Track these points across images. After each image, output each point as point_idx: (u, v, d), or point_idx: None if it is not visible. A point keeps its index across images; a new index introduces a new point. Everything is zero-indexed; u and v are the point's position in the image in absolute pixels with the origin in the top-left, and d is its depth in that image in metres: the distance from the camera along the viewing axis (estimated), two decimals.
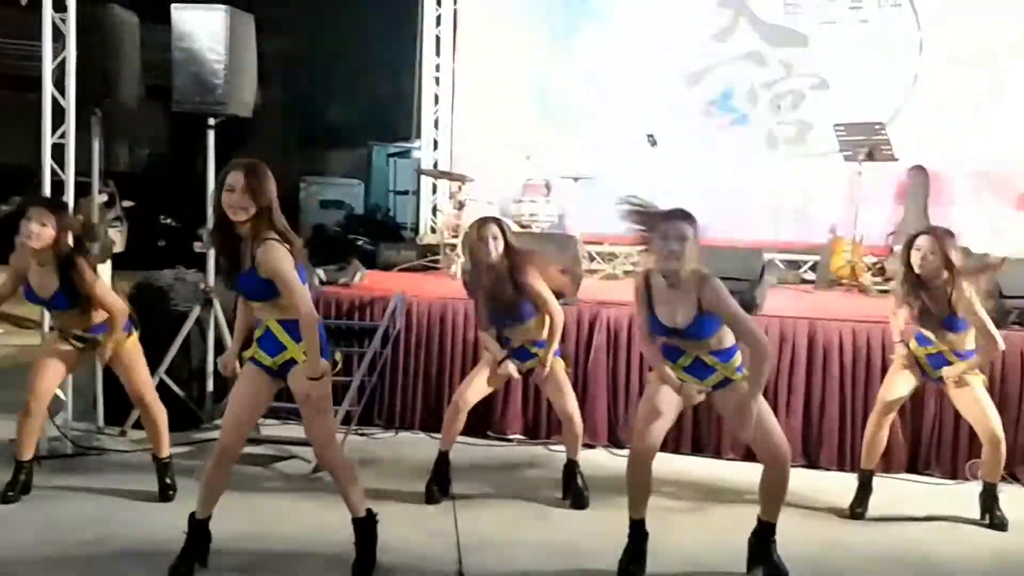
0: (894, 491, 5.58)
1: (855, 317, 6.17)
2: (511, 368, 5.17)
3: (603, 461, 6.01)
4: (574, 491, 5.29)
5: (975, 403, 5.02)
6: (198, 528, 4.11)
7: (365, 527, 4.18)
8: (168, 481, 5.12)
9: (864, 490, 5.25)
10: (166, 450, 5.15)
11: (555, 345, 5.17)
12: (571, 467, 5.34)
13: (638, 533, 4.26)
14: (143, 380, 5.12)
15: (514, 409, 6.33)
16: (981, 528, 5.07)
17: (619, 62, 10.19)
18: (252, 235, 3.88)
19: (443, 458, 5.27)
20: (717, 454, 6.10)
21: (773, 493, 4.19)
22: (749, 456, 5.62)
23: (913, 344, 5.14)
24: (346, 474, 4.17)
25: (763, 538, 4.26)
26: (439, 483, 5.25)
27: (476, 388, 5.22)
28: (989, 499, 5.13)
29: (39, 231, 4.75)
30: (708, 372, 4.24)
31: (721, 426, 6.01)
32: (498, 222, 5.15)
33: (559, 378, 5.23)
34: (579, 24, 10.46)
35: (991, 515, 5.10)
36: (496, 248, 5.03)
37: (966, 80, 9.41)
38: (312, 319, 3.89)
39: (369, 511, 4.21)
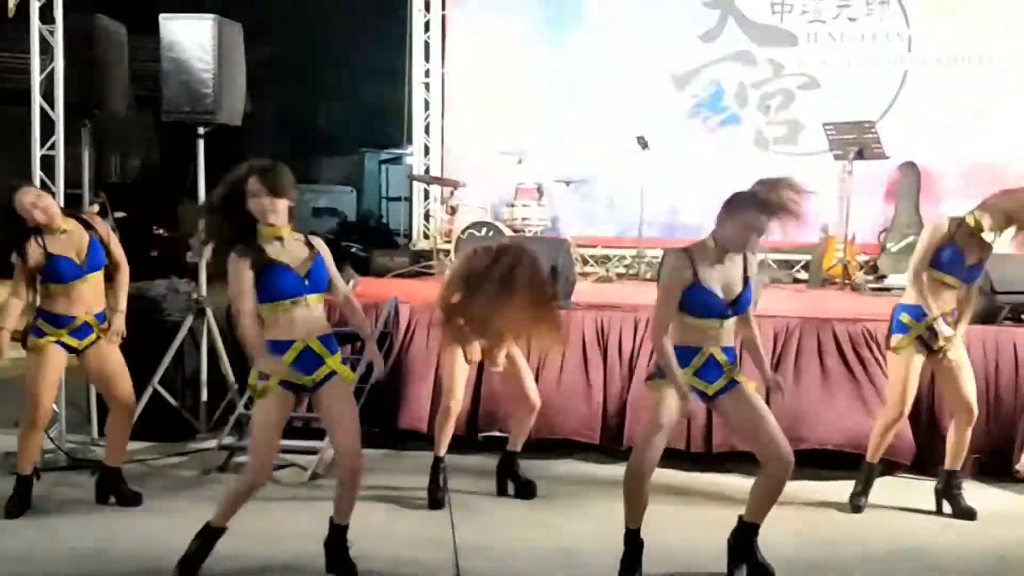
0: (891, 488, 5.56)
1: (848, 316, 6.17)
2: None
3: (595, 465, 6.01)
4: (517, 482, 5.38)
5: (961, 370, 5.02)
6: (213, 536, 4.16)
7: (342, 534, 4.22)
8: (123, 488, 5.14)
9: (866, 483, 5.27)
10: (120, 460, 5.17)
11: None
12: (510, 459, 5.41)
13: (635, 542, 4.24)
14: (129, 389, 5.08)
15: (506, 413, 6.29)
16: (979, 524, 5.05)
17: (608, 65, 10.20)
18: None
19: (439, 463, 5.29)
20: (702, 456, 6.05)
21: (769, 496, 4.17)
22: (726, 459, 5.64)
23: (909, 320, 5.04)
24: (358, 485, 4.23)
25: (747, 538, 4.24)
26: (440, 487, 5.26)
27: (459, 381, 5.22)
28: (950, 488, 5.15)
29: (43, 204, 4.79)
30: (717, 374, 4.16)
31: (711, 428, 5.98)
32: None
33: (516, 359, 5.20)
34: (567, 28, 10.46)
35: (955, 504, 5.13)
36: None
37: (955, 77, 9.45)
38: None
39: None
